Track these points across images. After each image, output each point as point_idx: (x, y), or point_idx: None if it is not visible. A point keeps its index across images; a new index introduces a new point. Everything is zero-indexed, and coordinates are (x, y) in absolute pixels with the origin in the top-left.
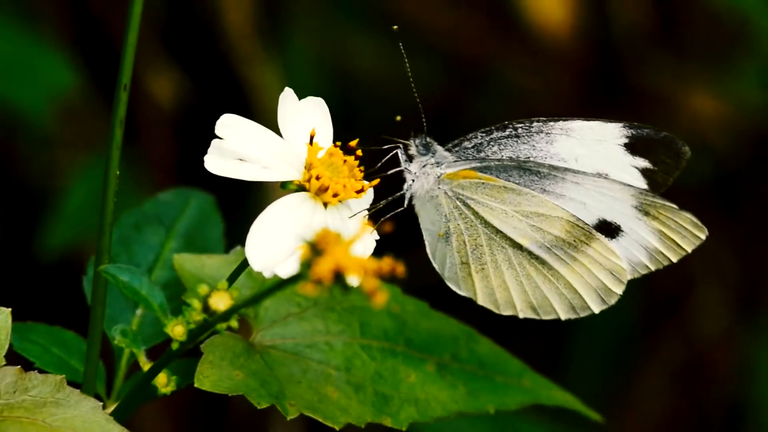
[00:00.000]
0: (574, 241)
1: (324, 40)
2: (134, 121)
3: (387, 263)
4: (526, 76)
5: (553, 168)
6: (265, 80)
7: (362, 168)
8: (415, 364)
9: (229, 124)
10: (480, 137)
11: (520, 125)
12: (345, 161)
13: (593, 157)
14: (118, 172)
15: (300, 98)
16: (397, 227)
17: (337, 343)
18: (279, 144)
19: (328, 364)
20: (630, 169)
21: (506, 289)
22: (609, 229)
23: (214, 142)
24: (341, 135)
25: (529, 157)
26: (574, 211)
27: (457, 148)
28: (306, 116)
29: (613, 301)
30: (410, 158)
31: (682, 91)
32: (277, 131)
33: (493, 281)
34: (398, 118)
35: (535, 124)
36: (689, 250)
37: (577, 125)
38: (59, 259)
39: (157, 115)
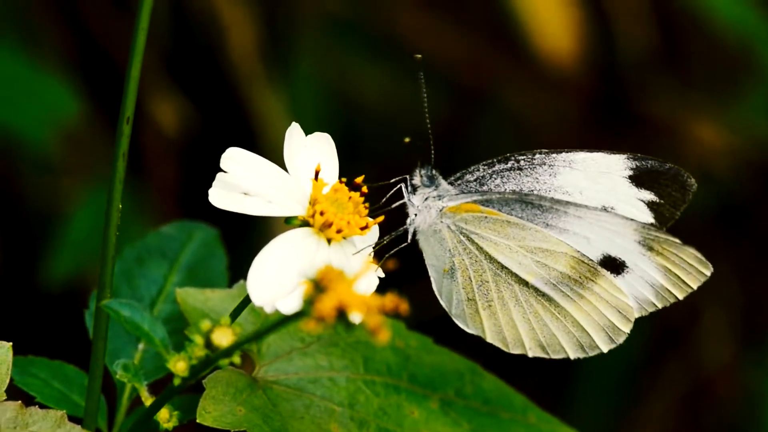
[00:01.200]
0: (580, 277)
1: (329, 66)
2: (138, 148)
3: (390, 300)
4: (531, 103)
5: (555, 201)
6: (269, 106)
7: (367, 204)
8: (419, 401)
9: (234, 158)
10: (482, 170)
11: (522, 157)
12: (350, 197)
13: (598, 189)
14: (120, 206)
15: (304, 127)
16: (403, 259)
17: (340, 378)
18: (284, 178)
19: (332, 399)
20: (636, 203)
21: (514, 327)
22: (614, 265)
23: (219, 175)
24: (345, 162)
25: (532, 190)
26: (578, 246)
27: (459, 181)
28: (312, 151)
29: (621, 339)
30: (414, 189)
31: (687, 120)
32: (282, 162)
33: (501, 318)
34: (407, 139)
35: (537, 156)
36: (694, 287)
37: (581, 157)
38: (62, 288)
39: (161, 143)
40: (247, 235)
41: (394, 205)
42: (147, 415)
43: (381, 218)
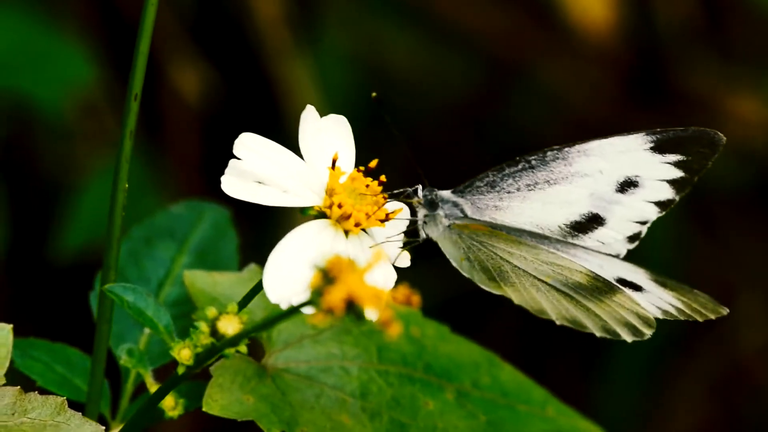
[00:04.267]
0: (598, 289)
1: (357, 36)
2: (159, 117)
3: (402, 293)
4: (567, 76)
5: (560, 242)
6: (296, 76)
7: (386, 195)
8: (434, 392)
9: (248, 144)
10: (492, 175)
11: (533, 157)
12: (368, 185)
13: (619, 167)
14: (126, 186)
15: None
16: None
17: (352, 367)
18: (299, 167)
19: (343, 389)
20: (661, 166)
21: (538, 303)
22: (632, 285)
23: (232, 162)
24: (372, 134)
25: (547, 180)
26: (592, 269)
27: (469, 188)
28: (328, 136)
29: (646, 337)
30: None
31: (726, 95)
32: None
33: (525, 295)
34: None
35: (549, 153)
36: (713, 317)
37: (596, 144)
38: (73, 261)
39: (183, 112)
40: (261, 215)
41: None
42: (151, 402)
43: (400, 210)
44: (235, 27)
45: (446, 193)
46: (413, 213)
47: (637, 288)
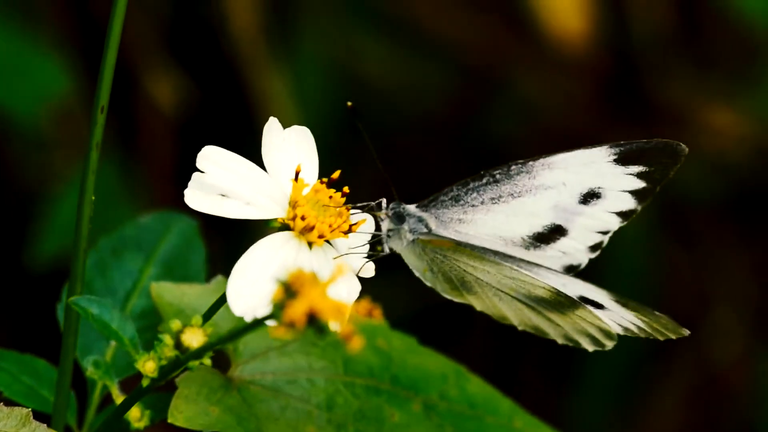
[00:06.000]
0: (560, 303)
1: (333, 44)
2: (133, 126)
3: (363, 306)
4: (542, 85)
5: (524, 261)
6: (271, 85)
7: (349, 206)
8: (401, 403)
9: (211, 157)
10: (456, 190)
11: (498, 171)
12: (331, 197)
13: (582, 179)
14: (93, 198)
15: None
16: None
17: (319, 379)
18: (263, 179)
19: (309, 401)
20: (624, 177)
21: (500, 311)
22: (593, 303)
23: (195, 175)
24: (349, 142)
25: (511, 194)
26: (554, 285)
27: (433, 203)
28: (291, 147)
29: (608, 348)
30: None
31: (702, 106)
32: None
33: (488, 303)
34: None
35: (513, 167)
36: (674, 337)
37: (560, 158)
38: (49, 269)
39: (157, 121)
40: (231, 227)
41: (367, 243)
42: (117, 414)
43: (363, 221)
44: (210, 36)
45: (411, 208)
46: (377, 226)
47: (598, 306)
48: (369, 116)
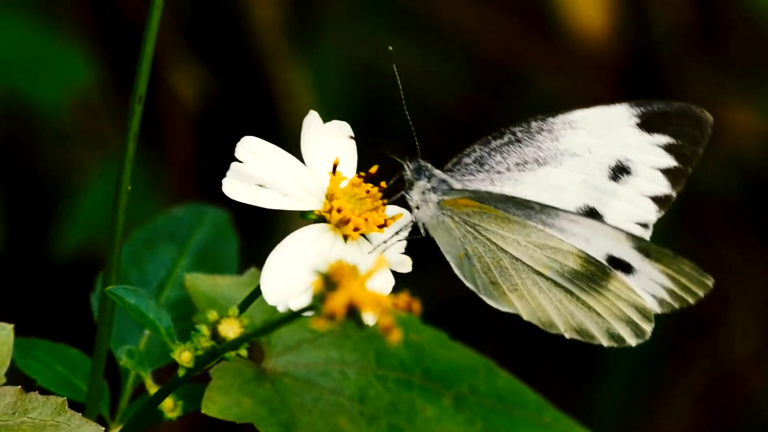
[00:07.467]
0: (592, 275)
1: (353, 39)
2: (155, 120)
3: (403, 299)
4: (559, 81)
5: (543, 207)
6: (292, 80)
7: (386, 201)
8: (432, 397)
9: (250, 147)
10: (479, 150)
11: (518, 128)
12: (368, 191)
13: (607, 145)
14: (129, 188)
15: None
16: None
17: (351, 372)
18: (300, 171)
19: (341, 393)
20: (652, 149)
21: (545, 311)
22: (622, 265)
23: (233, 165)
24: (368, 138)
25: (537, 159)
26: (580, 246)
27: (457, 166)
28: (330, 141)
29: (647, 336)
30: (411, 184)
31: (721, 103)
32: (300, 150)
33: (531, 302)
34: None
35: (533, 124)
36: (701, 294)
37: (580, 115)
38: (73, 260)
39: (178, 115)
40: (261, 218)
41: (392, 200)
42: (151, 404)
43: (400, 216)
44: (231, 30)
45: (436, 171)
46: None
47: (627, 269)
48: (386, 111)
